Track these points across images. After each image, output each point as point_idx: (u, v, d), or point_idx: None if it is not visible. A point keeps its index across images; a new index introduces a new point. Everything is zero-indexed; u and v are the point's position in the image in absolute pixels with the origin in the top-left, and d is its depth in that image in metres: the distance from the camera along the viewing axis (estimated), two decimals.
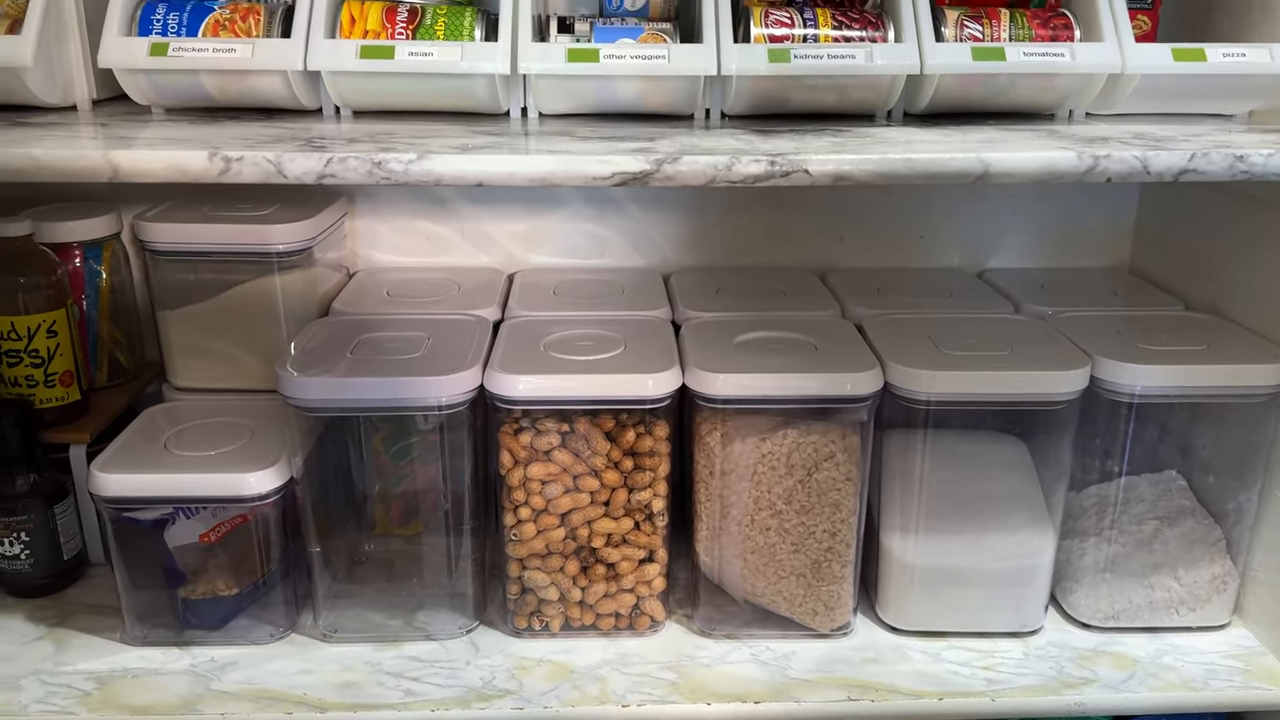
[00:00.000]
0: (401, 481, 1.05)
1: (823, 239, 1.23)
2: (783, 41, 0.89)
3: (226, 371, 1.07)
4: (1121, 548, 1.00)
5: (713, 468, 0.93)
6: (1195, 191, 1.10)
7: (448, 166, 0.74)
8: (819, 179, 0.75)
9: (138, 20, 0.89)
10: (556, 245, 1.23)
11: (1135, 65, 0.88)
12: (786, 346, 0.97)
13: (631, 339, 0.98)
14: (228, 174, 0.74)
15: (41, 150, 0.73)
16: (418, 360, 0.93)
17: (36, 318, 1.01)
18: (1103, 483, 1.01)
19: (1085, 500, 1.02)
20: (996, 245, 1.24)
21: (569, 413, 0.91)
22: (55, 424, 1.04)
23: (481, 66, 0.87)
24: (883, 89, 0.90)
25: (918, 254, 1.23)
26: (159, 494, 0.91)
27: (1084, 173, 0.75)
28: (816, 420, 0.91)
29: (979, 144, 0.78)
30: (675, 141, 0.81)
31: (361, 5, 0.90)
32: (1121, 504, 1.01)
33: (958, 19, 0.90)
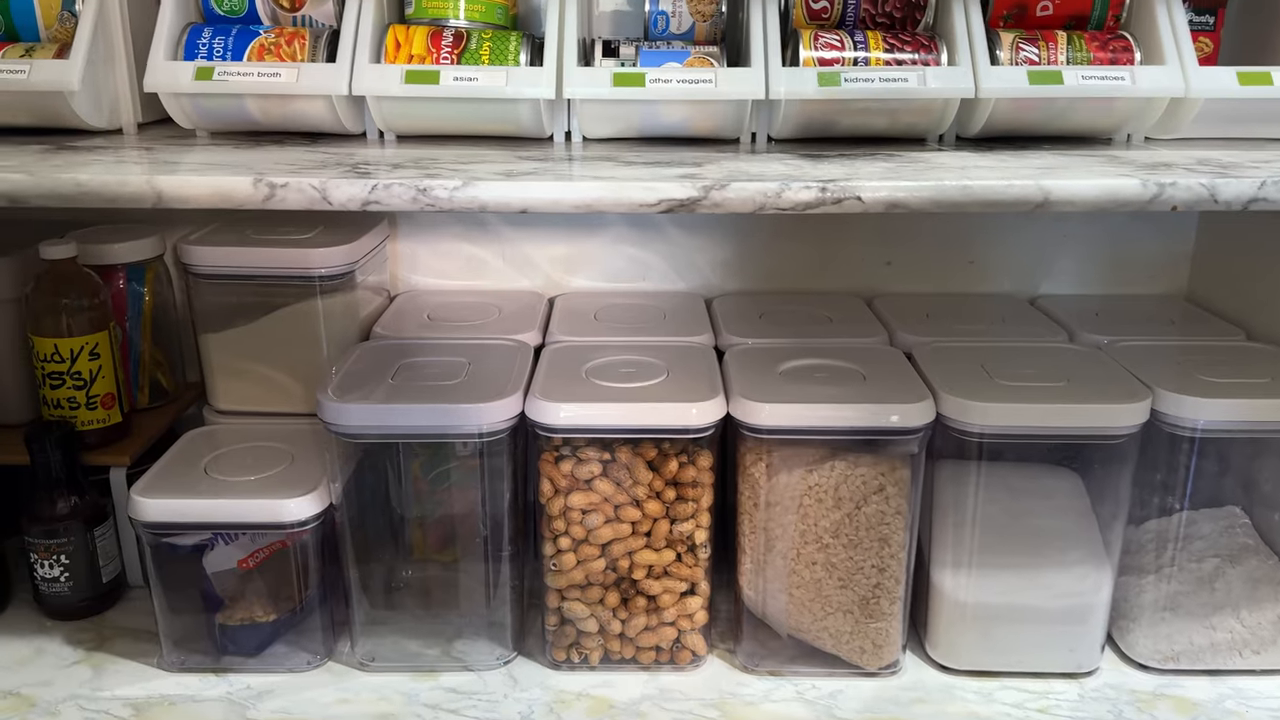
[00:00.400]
0: (440, 507, 1.03)
1: (869, 263, 1.21)
2: (833, 65, 0.87)
3: (267, 394, 1.06)
4: (1181, 586, 0.97)
5: (757, 499, 0.90)
6: (1258, 217, 1.07)
7: (492, 193, 0.73)
8: (872, 206, 0.73)
9: (184, 44, 0.89)
10: (598, 269, 1.22)
11: (1199, 89, 0.85)
12: (834, 375, 0.94)
13: (674, 366, 0.96)
14: (272, 200, 0.73)
15: (87, 175, 0.73)
16: (458, 386, 0.92)
17: (79, 340, 1.01)
18: (1161, 518, 0.98)
19: (1143, 536, 0.98)
20: (1049, 270, 1.20)
21: (611, 441, 0.89)
22: (96, 446, 1.04)
23: (526, 92, 0.86)
24: (935, 113, 0.88)
25: (968, 279, 1.21)
26: (198, 520, 0.91)
27: (1148, 201, 0.72)
28: (865, 452, 0.89)
29: (1037, 170, 0.76)
30: (722, 167, 0.79)
31: (407, 29, 0.89)
32: (1181, 540, 0.97)
33: (1013, 41, 0.88)
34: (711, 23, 0.98)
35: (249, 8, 0.92)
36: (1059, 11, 0.91)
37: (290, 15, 0.92)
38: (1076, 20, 0.91)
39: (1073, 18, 0.91)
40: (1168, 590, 0.97)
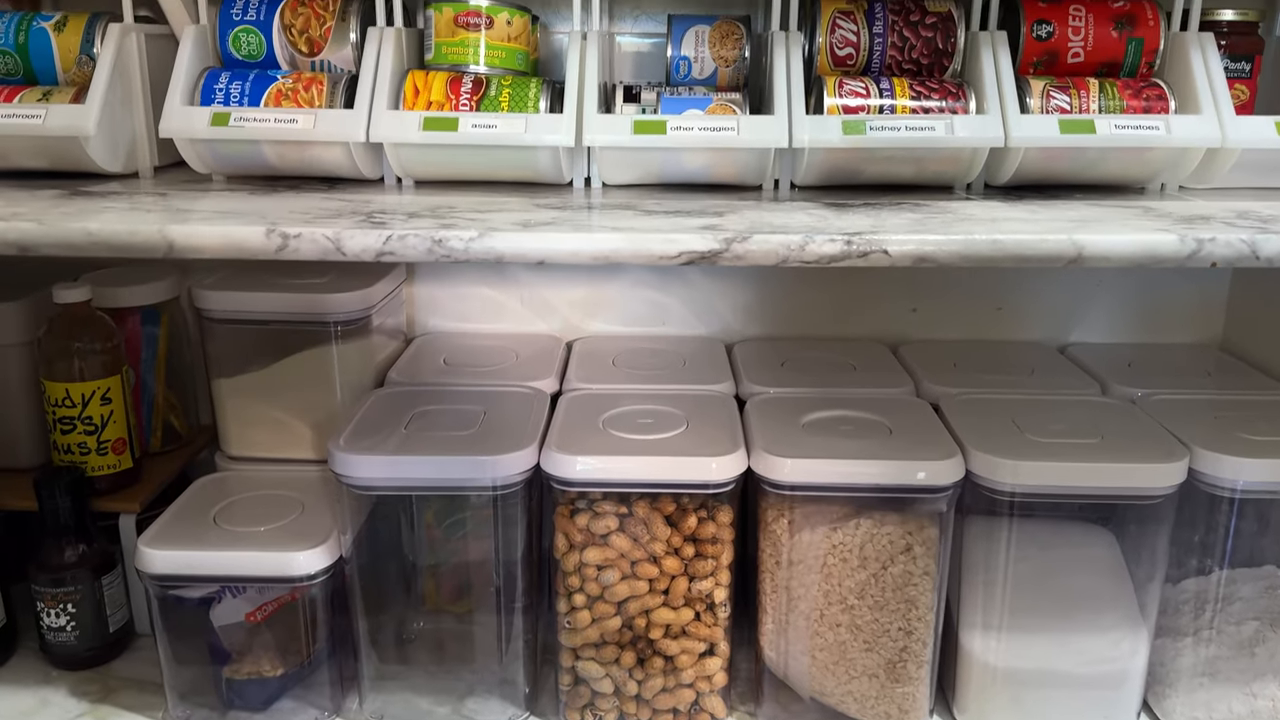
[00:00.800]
0: (453, 557, 1.01)
1: (894, 309, 1.19)
2: (857, 113, 0.85)
3: (280, 440, 1.05)
4: (1220, 650, 0.93)
5: (779, 557, 0.87)
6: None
7: (509, 244, 0.71)
8: (899, 260, 0.71)
9: (200, 88, 0.88)
10: (617, 313, 1.20)
11: (1236, 139, 0.83)
12: (858, 428, 0.92)
13: (694, 416, 0.94)
14: (285, 251, 0.71)
15: (97, 224, 0.72)
16: (473, 437, 0.90)
17: (91, 384, 1.00)
18: (1199, 577, 0.94)
19: (1180, 596, 0.95)
20: (1080, 318, 1.18)
21: (628, 495, 0.87)
22: (106, 492, 1.02)
23: (546, 139, 0.85)
24: (964, 161, 0.86)
25: (996, 326, 1.18)
26: (205, 572, 0.88)
27: (1186, 257, 0.69)
28: (891, 510, 0.86)
29: (1070, 224, 0.73)
30: (744, 217, 0.77)
31: (426, 75, 0.88)
32: (1220, 601, 0.94)
33: (1044, 89, 0.86)
34: (734, 68, 0.97)
35: (267, 52, 0.91)
36: (1091, 58, 0.89)
37: (309, 60, 0.91)
38: (1109, 67, 0.89)
39: (1105, 65, 0.89)
40: (1206, 654, 0.93)
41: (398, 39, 0.89)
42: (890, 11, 0.90)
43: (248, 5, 0.91)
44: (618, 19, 1.10)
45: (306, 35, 0.90)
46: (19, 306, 1.03)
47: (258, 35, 0.91)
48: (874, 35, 0.90)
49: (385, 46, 0.88)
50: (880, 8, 0.90)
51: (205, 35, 0.92)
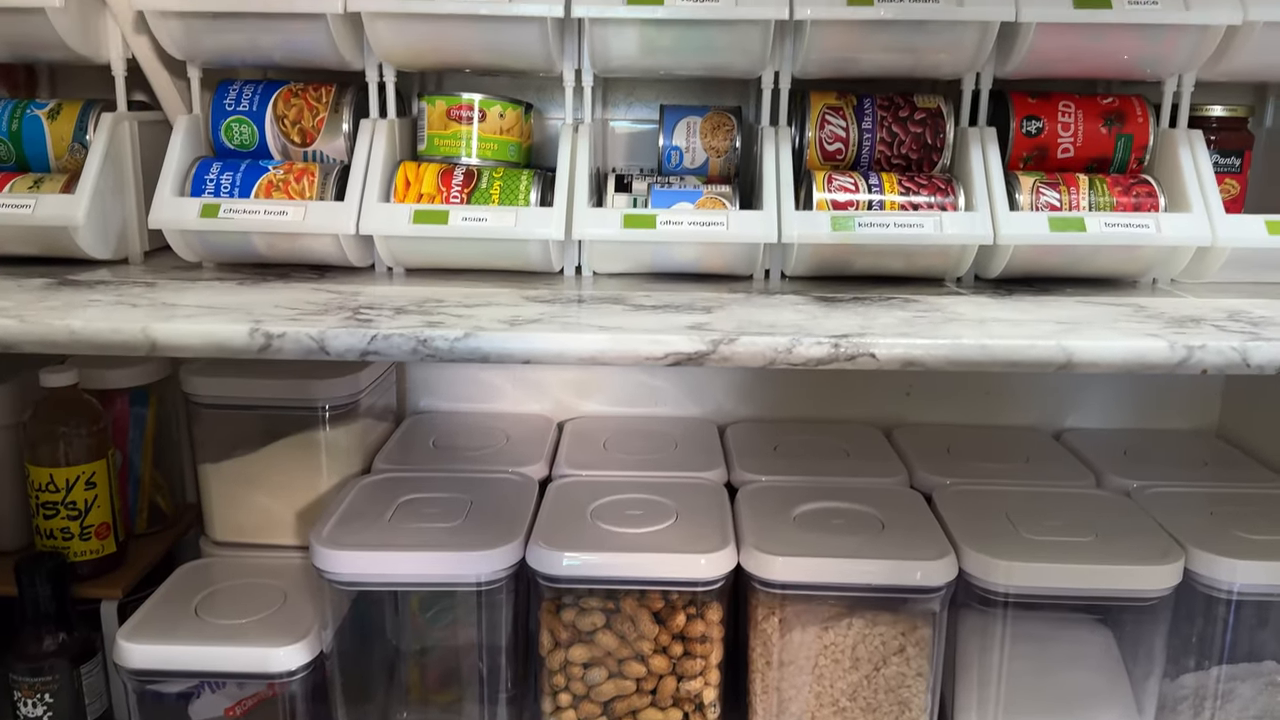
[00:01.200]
0: (438, 646, 0.99)
1: (888, 391, 1.18)
2: (846, 208, 0.85)
3: (265, 526, 1.03)
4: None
5: (770, 657, 0.86)
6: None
7: (494, 345, 0.71)
8: (886, 364, 0.70)
9: (191, 178, 0.88)
10: (609, 394, 1.19)
11: (1226, 238, 0.82)
12: (851, 522, 0.90)
13: (684, 507, 0.92)
14: (269, 350, 0.71)
15: (80, 322, 0.72)
16: (458, 529, 0.89)
17: (76, 469, 0.99)
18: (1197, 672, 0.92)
19: (1179, 692, 0.93)
20: (1075, 403, 1.17)
21: (615, 591, 0.85)
22: (88, 578, 1.01)
23: (536, 233, 0.85)
24: (953, 256, 0.86)
25: (990, 410, 1.17)
26: (184, 668, 0.87)
27: (1177, 364, 0.69)
28: (884, 609, 0.84)
29: (1060, 327, 0.73)
30: (733, 314, 0.77)
31: (418, 167, 0.88)
32: (1219, 699, 0.92)
33: (1033, 185, 0.86)
34: (726, 159, 0.97)
35: (260, 142, 0.91)
36: (1080, 154, 0.89)
37: (301, 150, 0.91)
38: (1098, 163, 0.89)
39: (1094, 160, 0.89)
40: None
41: (390, 131, 0.90)
42: (879, 107, 0.90)
43: (241, 95, 0.91)
44: (612, 105, 1.11)
45: (299, 126, 0.91)
46: (4, 390, 1.03)
47: (250, 125, 0.91)
48: (863, 130, 0.90)
49: (377, 138, 0.88)
50: (869, 104, 0.90)
51: (198, 125, 0.92)
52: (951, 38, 0.83)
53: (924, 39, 0.83)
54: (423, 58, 0.90)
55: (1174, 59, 0.85)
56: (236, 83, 0.93)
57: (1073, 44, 0.83)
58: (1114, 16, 0.80)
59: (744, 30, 0.84)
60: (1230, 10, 0.81)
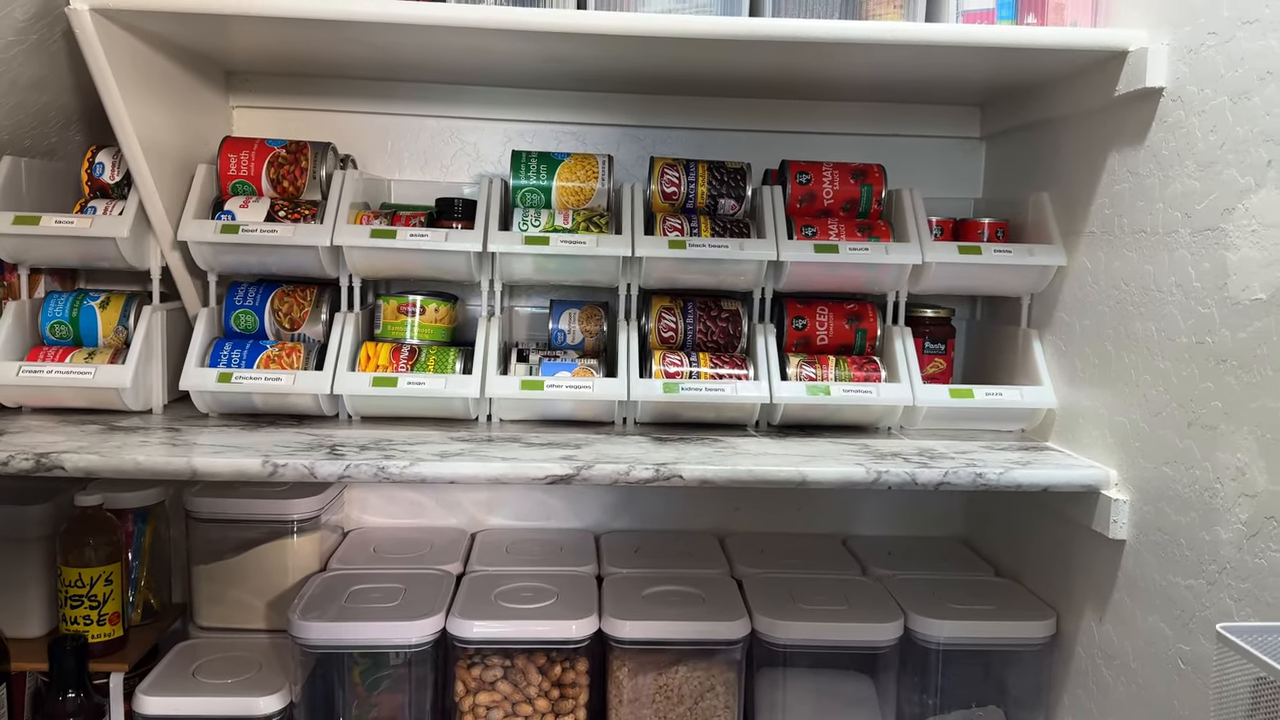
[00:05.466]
0: (373, 709, 1.30)
1: (723, 508, 1.56)
2: (675, 377, 1.24)
3: (242, 614, 1.34)
4: None
5: (621, 696, 1.20)
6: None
7: (430, 470, 1.07)
8: (690, 482, 1.08)
9: (210, 353, 1.24)
10: (512, 510, 1.54)
11: (922, 399, 1.24)
12: (681, 599, 1.26)
13: (562, 592, 1.27)
14: (275, 475, 1.06)
15: (143, 457, 1.05)
16: (395, 608, 1.21)
17: (98, 569, 1.29)
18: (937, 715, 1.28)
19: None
20: (860, 517, 1.56)
21: (511, 651, 1.19)
22: (101, 655, 1.29)
23: (459, 392, 1.21)
24: (748, 409, 1.25)
25: (797, 522, 1.55)
26: (189, 713, 1.17)
27: (871, 483, 1.08)
28: (701, 658, 1.20)
29: (802, 459, 1.12)
30: (594, 450, 1.14)
31: (375, 345, 1.26)
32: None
33: (799, 363, 1.27)
34: (596, 338, 1.36)
35: (260, 327, 1.28)
36: (832, 342, 1.31)
37: (290, 333, 1.28)
38: (845, 348, 1.31)
39: (841, 346, 1.31)
40: None
41: (355, 320, 1.27)
42: (698, 308, 1.31)
43: (247, 294, 1.28)
44: (518, 296, 1.50)
45: (290, 316, 1.27)
46: (43, 509, 1.33)
47: (254, 315, 1.27)
48: (688, 323, 1.31)
49: (347, 325, 1.25)
50: (691, 305, 1.31)
51: (214, 315, 1.28)
52: (739, 268, 1.26)
53: (721, 268, 1.26)
54: (381, 272, 1.29)
55: (886, 282, 1.29)
56: (244, 284, 1.29)
57: (818, 272, 1.26)
58: (839, 257, 1.24)
59: (603, 260, 1.25)
60: (915, 254, 1.25)
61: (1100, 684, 1.14)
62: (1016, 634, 1.22)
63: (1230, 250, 0.94)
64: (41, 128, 1.28)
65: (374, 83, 1.44)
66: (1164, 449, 1.03)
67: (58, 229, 1.21)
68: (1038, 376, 1.27)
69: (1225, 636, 0.66)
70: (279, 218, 1.25)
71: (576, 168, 1.31)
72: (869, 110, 1.48)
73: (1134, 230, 1.10)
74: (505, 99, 1.46)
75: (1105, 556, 1.13)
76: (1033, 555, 1.34)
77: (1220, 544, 0.94)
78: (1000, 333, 1.39)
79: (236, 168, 1.29)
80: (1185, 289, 1.00)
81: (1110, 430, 1.13)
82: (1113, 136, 1.14)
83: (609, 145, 1.48)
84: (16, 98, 1.18)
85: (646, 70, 1.32)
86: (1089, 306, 1.19)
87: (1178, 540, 1.00)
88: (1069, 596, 1.22)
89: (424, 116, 1.46)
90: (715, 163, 1.34)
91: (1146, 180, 1.08)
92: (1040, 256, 1.25)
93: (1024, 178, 1.37)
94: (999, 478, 1.10)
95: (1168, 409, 1.03)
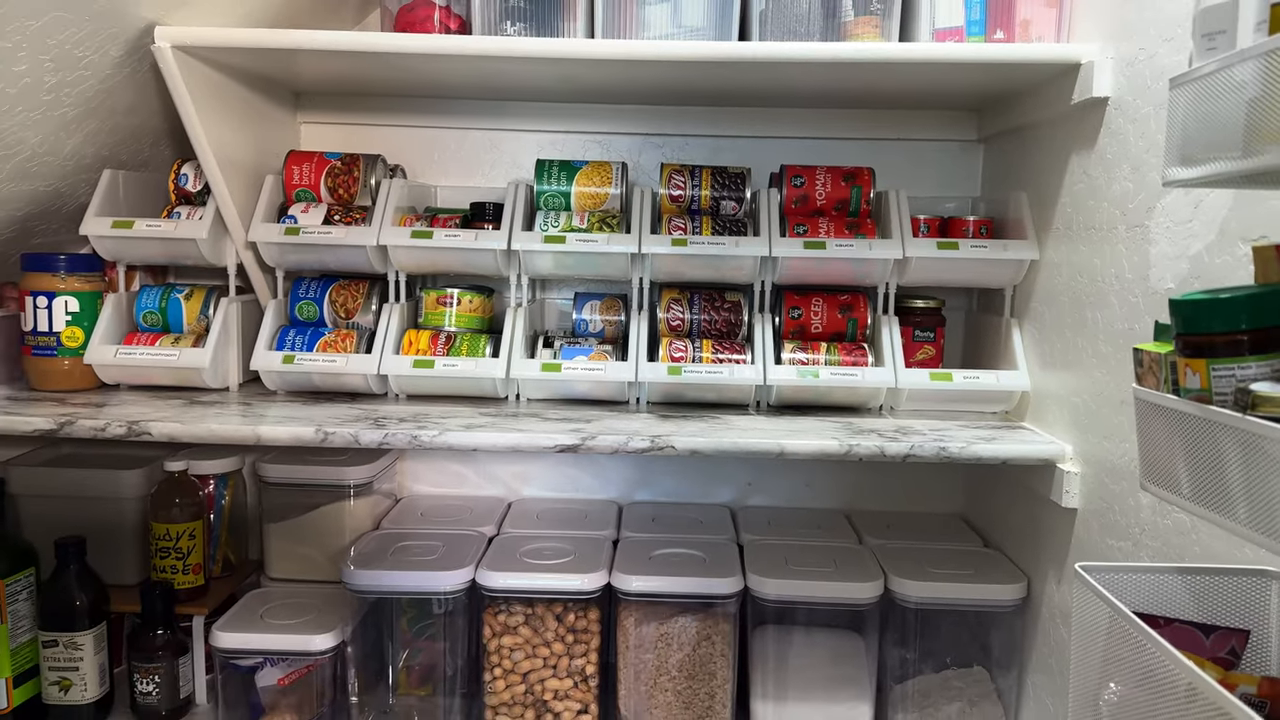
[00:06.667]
0: (420, 654, 1.47)
1: (736, 483, 1.70)
2: (679, 361, 1.39)
3: (305, 567, 1.54)
4: None
5: (628, 642, 1.35)
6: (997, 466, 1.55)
7: (457, 439, 1.24)
8: (681, 452, 1.23)
9: (277, 339, 1.43)
10: (544, 483, 1.71)
11: (904, 382, 1.36)
12: (685, 560, 1.41)
13: (580, 551, 1.43)
14: (325, 441, 1.24)
15: (217, 424, 1.25)
16: (434, 561, 1.39)
17: (183, 526, 1.49)
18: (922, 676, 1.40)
19: (909, 688, 1.41)
20: (867, 493, 1.68)
21: (532, 599, 1.35)
22: (186, 600, 1.50)
23: (489, 373, 1.38)
24: (745, 390, 1.39)
25: (805, 497, 1.68)
26: (256, 647, 1.36)
27: (843, 454, 1.21)
28: (699, 611, 1.34)
29: (785, 434, 1.25)
30: (602, 424, 1.29)
31: (417, 333, 1.43)
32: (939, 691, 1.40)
33: (793, 348, 1.40)
34: (615, 326, 1.52)
35: (319, 316, 1.46)
36: (825, 330, 1.44)
37: (345, 321, 1.46)
38: (837, 336, 1.44)
39: (834, 334, 1.44)
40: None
41: (401, 310, 1.45)
42: (703, 299, 1.46)
43: (310, 287, 1.47)
44: (550, 289, 1.67)
45: (345, 306, 1.46)
46: (137, 474, 1.54)
47: (314, 305, 1.46)
48: (694, 313, 1.45)
49: (393, 316, 1.43)
50: (697, 297, 1.46)
51: (281, 306, 1.47)
52: (736, 263, 1.40)
53: (721, 263, 1.40)
54: (423, 268, 1.47)
55: (874, 275, 1.42)
56: (306, 279, 1.48)
57: (809, 267, 1.40)
58: (826, 253, 1.37)
59: (614, 256, 1.41)
60: (896, 249, 1.37)
61: (1058, 641, 1.25)
62: (987, 596, 1.34)
63: (1152, 245, 1.04)
64: (135, 144, 1.49)
65: (422, 100, 1.62)
66: (1105, 425, 1.14)
67: (148, 231, 1.41)
68: (1014, 362, 1.38)
69: (1080, 575, 0.78)
70: (334, 221, 1.44)
71: (593, 174, 1.47)
72: (875, 116, 1.60)
73: (1086, 227, 1.21)
74: (536, 112, 1.62)
75: (1063, 525, 1.24)
76: (1014, 528, 1.45)
77: (1141, 509, 1.05)
78: (987, 322, 1.50)
79: (299, 178, 1.48)
80: (1121, 280, 1.11)
81: (1068, 410, 1.24)
82: (1072, 141, 1.25)
83: (632, 152, 1.64)
84: (114, 120, 1.39)
85: (656, 86, 1.46)
86: (1054, 297, 1.30)
87: (1113, 507, 1.11)
88: (1038, 563, 1.33)
89: (465, 129, 1.64)
90: (718, 168, 1.49)
91: (1096, 181, 1.18)
92: (1013, 251, 1.36)
93: (1010, 178, 1.48)
94: (961, 451, 1.22)
95: (1108, 389, 1.13)
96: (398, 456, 1.69)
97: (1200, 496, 0.66)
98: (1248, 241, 0.88)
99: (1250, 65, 0.62)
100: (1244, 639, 0.76)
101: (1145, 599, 0.79)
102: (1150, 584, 0.79)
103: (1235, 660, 0.75)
